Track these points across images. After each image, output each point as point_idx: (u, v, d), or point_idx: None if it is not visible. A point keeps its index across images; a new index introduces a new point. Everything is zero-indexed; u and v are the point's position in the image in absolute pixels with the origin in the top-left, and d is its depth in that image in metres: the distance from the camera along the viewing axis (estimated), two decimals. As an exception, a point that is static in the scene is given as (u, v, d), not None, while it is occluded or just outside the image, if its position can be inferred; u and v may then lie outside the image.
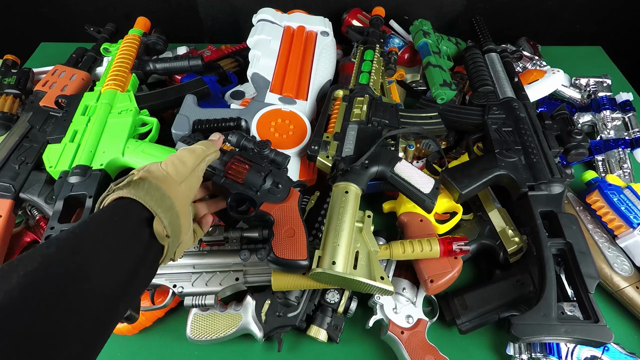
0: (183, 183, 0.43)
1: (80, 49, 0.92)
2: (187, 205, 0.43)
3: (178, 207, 0.41)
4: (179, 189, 0.42)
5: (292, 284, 0.54)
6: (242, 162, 0.55)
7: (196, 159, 0.46)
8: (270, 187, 0.55)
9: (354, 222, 0.54)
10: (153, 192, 0.39)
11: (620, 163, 0.77)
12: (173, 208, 0.40)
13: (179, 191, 0.42)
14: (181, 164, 0.44)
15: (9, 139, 0.69)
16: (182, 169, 0.44)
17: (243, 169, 0.55)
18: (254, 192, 0.55)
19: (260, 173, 0.55)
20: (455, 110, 0.73)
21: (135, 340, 0.59)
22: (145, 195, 0.38)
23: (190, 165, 0.45)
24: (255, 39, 0.81)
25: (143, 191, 0.38)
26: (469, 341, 0.59)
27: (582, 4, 1.20)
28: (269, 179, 0.55)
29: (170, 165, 0.43)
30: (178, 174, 0.43)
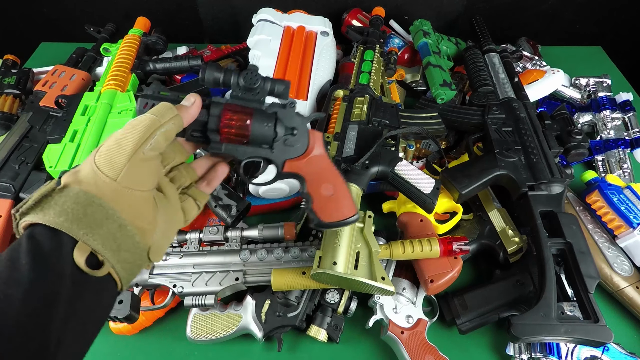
0: (122, 176, 0.32)
1: (80, 49, 0.92)
2: (142, 200, 0.34)
3: (124, 210, 0.32)
4: (116, 187, 0.32)
5: (292, 284, 0.54)
6: (237, 112, 0.41)
7: (139, 135, 0.33)
8: (286, 137, 0.43)
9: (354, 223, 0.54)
10: (73, 206, 0.29)
11: (620, 163, 0.77)
12: (110, 218, 0.31)
13: (118, 189, 0.32)
14: (117, 148, 0.32)
15: (9, 139, 0.69)
16: (119, 156, 0.32)
17: (243, 121, 0.40)
18: (268, 149, 0.42)
19: (267, 121, 0.41)
20: (455, 110, 0.73)
21: (135, 340, 0.59)
22: (57, 216, 0.29)
23: (129, 147, 0.32)
24: (255, 39, 0.81)
25: (54, 210, 0.29)
26: (469, 341, 0.59)
27: (582, 4, 1.19)
28: (279, 127, 0.42)
29: (104, 155, 0.32)
30: (112, 165, 0.32)
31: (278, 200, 0.70)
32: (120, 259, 0.31)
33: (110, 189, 0.31)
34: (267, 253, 0.57)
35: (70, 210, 0.29)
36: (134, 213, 0.33)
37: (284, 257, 0.57)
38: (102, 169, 0.32)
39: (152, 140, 0.34)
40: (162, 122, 0.35)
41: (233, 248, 0.58)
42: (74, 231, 0.29)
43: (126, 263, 0.32)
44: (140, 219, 0.33)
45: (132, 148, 0.33)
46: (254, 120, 0.41)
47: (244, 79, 0.42)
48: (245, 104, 0.42)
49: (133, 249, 0.33)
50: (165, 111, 0.36)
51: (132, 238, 0.32)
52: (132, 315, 0.50)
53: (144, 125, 0.34)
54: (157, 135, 0.34)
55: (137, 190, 0.33)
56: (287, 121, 0.43)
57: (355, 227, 0.53)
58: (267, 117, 0.41)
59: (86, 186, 0.31)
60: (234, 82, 0.42)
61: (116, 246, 0.31)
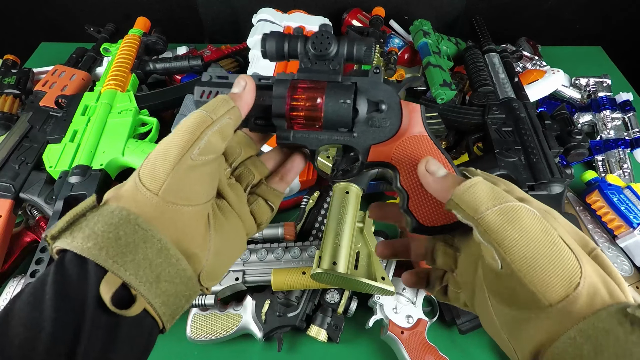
0: (165, 189, 0.26)
1: (80, 49, 0.92)
2: (191, 217, 0.28)
3: (168, 230, 0.26)
4: (158, 202, 0.26)
5: (292, 283, 0.54)
6: (306, 88, 0.33)
7: (186, 137, 0.27)
8: (371, 115, 0.33)
9: (354, 223, 0.54)
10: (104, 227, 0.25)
11: (620, 163, 0.77)
12: (149, 241, 0.25)
13: (161, 205, 0.26)
14: (162, 155, 0.27)
15: (9, 139, 0.69)
16: (162, 164, 0.27)
17: (313, 100, 0.32)
18: (347, 133, 0.34)
19: (344, 95, 0.32)
20: (455, 110, 0.73)
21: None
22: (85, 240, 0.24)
23: (173, 153, 0.27)
24: (255, 39, 0.81)
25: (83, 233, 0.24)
26: (469, 341, 0.59)
27: (582, 4, 1.19)
28: (361, 102, 0.33)
29: (149, 164, 0.27)
30: (154, 176, 0.27)
31: (278, 200, 0.70)
32: (159, 291, 0.26)
33: (151, 204, 0.26)
34: (267, 253, 0.57)
35: (100, 232, 0.24)
36: (180, 234, 0.27)
37: (284, 257, 0.57)
38: (144, 181, 0.27)
39: (202, 142, 0.28)
40: (215, 119, 0.29)
41: (233, 248, 0.58)
42: (102, 258, 0.24)
43: (168, 296, 0.26)
44: (187, 240, 0.27)
45: (177, 154, 0.27)
46: (326, 96, 0.32)
47: (312, 44, 0.33)
48: (317, 77, 0.34)
49: (177, 278, 0.27)
50: (218, 105, 0.29)
51: (175, 265, 0.26)
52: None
53: (191, 125, 0.28)
54: (208, 134, 0.28)
55: (185, 205, 0.27)
56: (372, 93, 0.33)
57: (355, 227, 0.53)
58: (343, 91, 0.32)
59: (125, 202, 0.26)
60: (301, 51, 0.34)
61: (154, 276, 0.25)
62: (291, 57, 0.35)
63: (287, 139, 0.34)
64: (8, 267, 0.61)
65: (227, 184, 0.33)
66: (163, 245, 0.26)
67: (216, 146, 0.29)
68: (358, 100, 0.33)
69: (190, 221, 0.28)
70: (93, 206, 0.26)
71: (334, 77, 0.34)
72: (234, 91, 0.32)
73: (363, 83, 0.34)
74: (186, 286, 0.27)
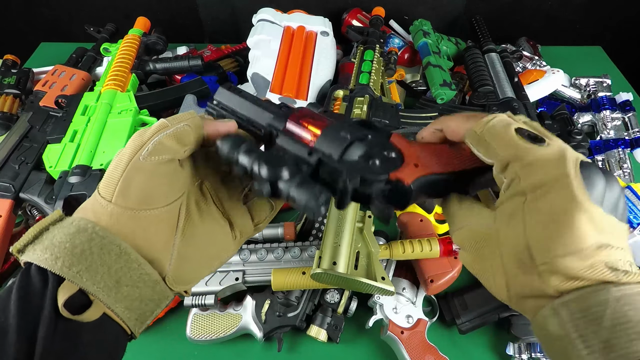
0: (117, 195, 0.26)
1: (80, 49, 0.92)
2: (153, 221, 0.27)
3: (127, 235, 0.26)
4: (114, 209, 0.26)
5: (292, 283, 0.54)
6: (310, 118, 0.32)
7: (137, 142, 0.28)
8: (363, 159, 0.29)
9: (354, 223, 0.54)
10: (62, 238, 0.25)
11: (620, 163, 0.77)
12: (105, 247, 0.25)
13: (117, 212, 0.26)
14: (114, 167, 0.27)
15: (9, 139, 0.69)
16: (114, 171, 0.27)
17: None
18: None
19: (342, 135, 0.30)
20: (455, 110, 0.73)
21: (135, 340, 0.59)
22: (43, 251, 0.24)
23: (124, 159, 0.27)
24: (255, 39, 0.81)
25: (42, 245, 0.25)
26: (469, 341, 0.59)
27: (582, 4, 1.19)
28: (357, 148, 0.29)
29: (105, 178, 0.27)
30: (108, 183, 0.27)
31: (278, 200, 0.70)
32: (120, 296, 0.25)
33: (107, 212, 0.26)
34: (267, 253, 0.57)
35: (58, 243, 0.25)
36: (140, 239, 0.27)
37: (284, 257, 0.57)
38: (101, 190, 0.27)
39: (150, 143, 0.27)
40: (171, 125, 0.28)
41: (233, 248, 0.58)
42: (57, 267, 0.24)
43: (131, 301, 0.26)
44: (147, 246, 0.27)
45: (127, 159, 0.27)
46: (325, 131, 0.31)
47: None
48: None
49: (140, 282, 0.26)
50: (181, 116, 0.30)
51: (137, 270, 0.26)
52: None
53: (146, 131, 0.28)
54: (159, 136, 0.28)
55: (142, 210, 0.27)
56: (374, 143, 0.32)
57: (355, 227, 0.53)
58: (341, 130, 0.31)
59: (84, 213, 0.27)
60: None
61: (113, 282, 0.25)
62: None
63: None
64: (8, 267, 0.61)
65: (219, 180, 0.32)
66: (122, 250, 0.26)
67: (170, 147, 0.28)
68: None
69: (150, 225, 0.27)
70: (59, 219, 0.27)
71: None
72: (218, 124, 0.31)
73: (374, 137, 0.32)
74: (153, 290, 0.27)
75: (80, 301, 0.24)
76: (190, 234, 0.29)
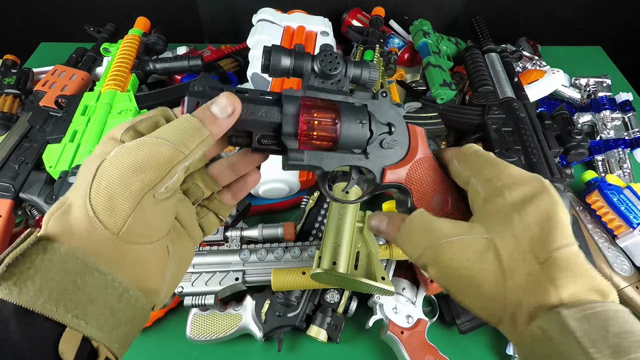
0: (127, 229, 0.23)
1: (80, 49, 0.92)
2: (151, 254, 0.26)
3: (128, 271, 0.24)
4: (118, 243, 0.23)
5: (292, 283, 0.54)
6: (319, 107, 0.31)
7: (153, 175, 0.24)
8: (382, 136, 0.33)
9: (354, 223, 0.54)
10: (60, 276, 0.21)
11: (620, 163, 0.77)
12: (110, 286, 0.23)
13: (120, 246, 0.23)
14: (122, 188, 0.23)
15: (9, 139, 0.69)
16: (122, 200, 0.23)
17: (329, 120, 0.31)
18: (361, 155, 0.33)
19: (360, 116, 0.31)
20: (455, 110, 0.73)
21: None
22: (37, 294, 0.20)
23: (136, 190, 0.23)
24: (255, 39, 0.81)
25: (33, 285, 0.20)
26: (469, 341, 0.59)
27: (582, 4, 1.19)
28: (373, 122, 0.32)
29: (103, 194, 0.23)
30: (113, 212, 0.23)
31: (278, 200, 0.70)
32: (118, 336, 0.23)
33: (111, 245, 0.23)
34: (267, 253, 0.57)
35: (55, 284, 0.21)
36: (140, 273, 0.25)
37: (284, 257, 0.57)
38: (101, 216, 0.23)
39: (170, 181, 0.24)
40: (187, 154, 0.25)
41: (233, 248, 0.58)
42: (60, 315, 0.20)
43: (126, 336, 0.24)
44: (148, 279, 0.25)
45: (140, 191, 0.23)
46: (342, 117, 0.31)
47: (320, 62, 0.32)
48: (326, 96, 0.32)
49: (134, 317, 0.25)
50: (189, 135, 0.25)
51: (134, 306, 0.24)
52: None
53: (160, 160, 0.24)
54: (178, 171, 0.25)
55: (145, 244, 0.25)
56: (381, 115, 0.33)
57: (355, 227, 0.53)
58: (358, 112, 0.31)
59: (78, 242, 0.22)
60: (307, 69, 0.32)
61: (114, 323, 0.23)
62: (295, 75, 0.33)
63: (301, 160, 0.31)
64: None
65: (178, 201, 0.30)
66: (124, 289, 0.24)
67: (181, 180, 0.26)
68: (372, 122, 0.32)
69: (151, 258, 0.25)
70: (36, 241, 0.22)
71: (344, 97, 0.33)
72: (214, 112, 0.27)
73: (373, 106, 0.33)
74: (142, 321, 0.26)
75: (83, 350, 0.21)
76: (176, 256, 0.28)
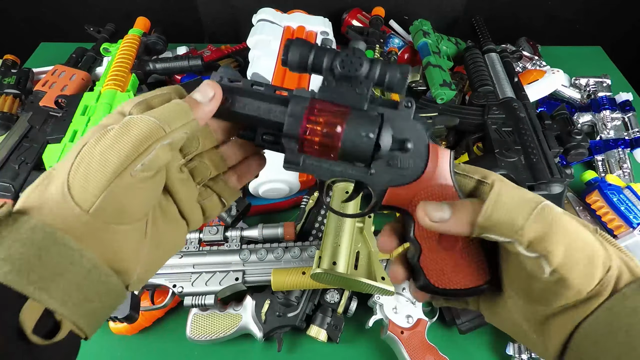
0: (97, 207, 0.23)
1: (80, 49, 0.92)
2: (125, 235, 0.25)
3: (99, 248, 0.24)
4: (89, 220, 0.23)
5: (292, 283, 0.54)
6: (326, 112, 0.29)
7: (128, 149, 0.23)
8: (393, 153, 0.29)
9: (354, 223, 0.54)
10: (24, 249, 0.21)
11: (620, 163, 0.77)
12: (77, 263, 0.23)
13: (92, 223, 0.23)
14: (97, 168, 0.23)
15: (9, 139, 0.69)
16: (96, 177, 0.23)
17: (332, 127, 0.28)
18: (364, 169, 0.30)
19: (367, 127, 0.28)
20: (455, 110, 0.73)
21: (135, 340, 0.59)
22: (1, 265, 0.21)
23: (112, 167, 0.23)
24: (255, 39, 0.81)
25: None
26: (469, 341, 0.59)
27: (582, 4, 1.19)
28: (385, 136, 0.28)
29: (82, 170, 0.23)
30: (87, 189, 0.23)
31: (278, 200, 0.70)
32: (84, 312, 0.23)
33: (81, 222, 0.23)
34: (267, 253, 0.57)
35: (19, 255, 0.21)
36: (111, 252, 0.24)
37: (284, 257, 0.57)
38: (74, 192, 0.23)
39: (147, 158, 0.24)
40: (168, 131, 0.25)
41: (233, 248, 0.58)
42: (22, 285, 0.21)
43: (94, 313, 0.24)
44: (119, 259, 0.25)
45: (116, 168, 0.23)
46: (347, 125, 0.28)
47: (341, 62, 0.29)
48: (341, 100, 0.29)
49: (105, 295, 0.24)
50: (174, 115, 0.25)
51: (104, 283, 0.24)
52: (132, 315, 0.50)
53: (138, 135, 0.24)
54: (156, 148, 0.24)
55: (119, 224, 0.24)
56: (399, 129, 0.29)
57: (355, 227, 0.53)
58: (368, 122, 0.28)
59: (48, 217, 0.22)
60: (327, 66, 0.29)
61: (81, 298, 0.23)
62: (314, 71, 0.30)
63: (297, 163, 0.30)
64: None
65: (178, 180, 0.29)
66: (93, 265, 0.23)
67: (162, 160, 0.25)
68: (382, 134, 0.28)
69: (123, 239, 0.25)
70: (8, 214, 0.22)
71: (360, 103, 0.29)
72: (196, 97, 0.28)
73: (391, 116, 0.29)
74: (115, 300, 0.26)
75: (45, 323, 0.22)
76: (156, 239, 0.28)
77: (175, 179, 0.28)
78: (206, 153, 0.31)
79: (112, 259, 0.25)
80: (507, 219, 0.25)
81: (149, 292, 0.58)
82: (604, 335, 0.24)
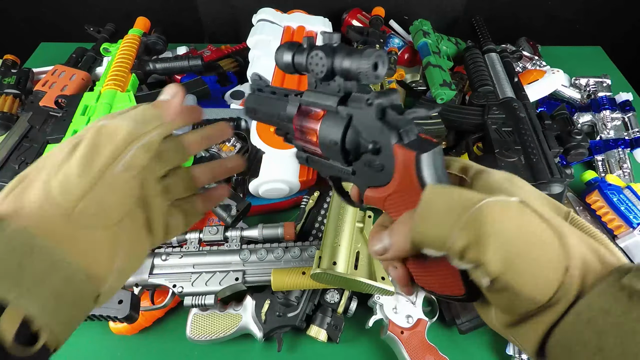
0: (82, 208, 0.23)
1: (80, 49, 0.92)
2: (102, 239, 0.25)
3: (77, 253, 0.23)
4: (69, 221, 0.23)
5: (292, 283, 0.54)
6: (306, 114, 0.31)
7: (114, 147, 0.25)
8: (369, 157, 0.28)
9: (354, 223, 0.54)
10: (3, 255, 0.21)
11: (620, 163, 0.77)
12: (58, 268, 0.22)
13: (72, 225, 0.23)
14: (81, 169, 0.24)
15: (9, 139, 0.69)
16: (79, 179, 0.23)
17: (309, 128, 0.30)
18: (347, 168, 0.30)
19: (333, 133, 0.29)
20: (455, 110, 0.74)
21: (135, 340, 0.59)
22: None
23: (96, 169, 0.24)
24: (255, 39, 0.81)
25: None
26: (469, 341, 0.59)
27: (582, 4, 1.20)
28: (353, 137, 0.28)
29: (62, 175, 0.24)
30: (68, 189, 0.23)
31: (278, 200, 0.70)
32: (60, 320, 0.22)
33: (62, 224, 0.23)
34: (267, 253, 0.57)
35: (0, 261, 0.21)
36: (89, 257, 0.24)
37: (284, 257, 0.57)
38: (56, 193, 0.23)
39: (127, 156, 0.25)
40: (144, 132, 0.26)
41: (233, 248, 0.58)
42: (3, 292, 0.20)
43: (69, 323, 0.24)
44: (95, 264, 0.24)
45: (101, 168, 0.24)
46: (320, 129, 0.28)
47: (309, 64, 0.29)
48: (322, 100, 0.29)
49: (80, 302, 0.24)
50: (149, 117, 0.27)
51: (80, 291, 0.23)
52: (131, 315, 0.50)
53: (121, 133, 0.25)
54: (135, 148, 0.25)
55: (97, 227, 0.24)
56: (367, 130, 0.27)
57: (355, 227, 0.53)
58: (334, 125, 0.28)
59: (29, 220, 0.22)
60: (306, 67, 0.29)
61: (59, 305, 0.22)
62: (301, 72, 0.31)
63: (303, 160, 0.34)
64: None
65: (154, 191, 0.29)
66: (73, 271, 0.23)
67: (141, 162, 0.26)
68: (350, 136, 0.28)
69: (101, 243, 0.25)
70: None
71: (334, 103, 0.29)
72: (162, 98, 0.30)
73: (361, 116, 0.27)
74: (85, 309, 0.25)
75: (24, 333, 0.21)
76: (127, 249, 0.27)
77: (151, 189, 0.29)
78: (179, 171, 0.32)
79: (89, 265, 0.24)
80: (435, 230, 0.22)
81: (149, 292, 0.58)
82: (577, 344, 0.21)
